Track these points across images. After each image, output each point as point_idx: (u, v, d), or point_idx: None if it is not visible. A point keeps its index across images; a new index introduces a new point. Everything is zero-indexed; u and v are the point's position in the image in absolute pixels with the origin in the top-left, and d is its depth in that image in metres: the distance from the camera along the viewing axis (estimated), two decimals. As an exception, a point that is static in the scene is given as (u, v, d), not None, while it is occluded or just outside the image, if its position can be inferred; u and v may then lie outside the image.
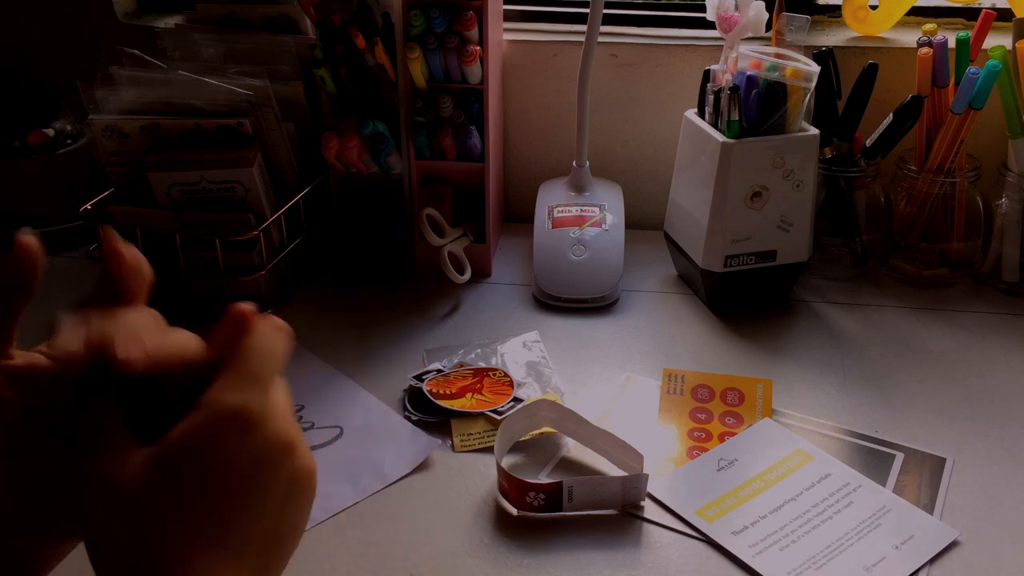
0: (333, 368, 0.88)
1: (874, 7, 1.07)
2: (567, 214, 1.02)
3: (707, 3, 0.95)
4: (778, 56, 0.90)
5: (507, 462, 0.76)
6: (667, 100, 1.10)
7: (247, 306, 0.41)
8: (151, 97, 0.95)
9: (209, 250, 0.92)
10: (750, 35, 0.93)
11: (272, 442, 0.38)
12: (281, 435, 0.39)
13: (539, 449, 0.78)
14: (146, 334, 0.39)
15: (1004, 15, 1.02)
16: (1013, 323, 0.95)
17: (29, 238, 0.39)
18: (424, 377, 0.84)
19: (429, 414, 0.81)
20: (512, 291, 1.02)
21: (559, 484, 0.69)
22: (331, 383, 0.86)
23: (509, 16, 1.13)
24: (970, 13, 1.09)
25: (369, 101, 1.01)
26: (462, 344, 0.91)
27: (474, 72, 0.97)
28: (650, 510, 0.71)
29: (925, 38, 0.96)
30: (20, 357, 0.40)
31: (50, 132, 1.10)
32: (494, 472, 0.73)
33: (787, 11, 0.95)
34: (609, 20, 1.11)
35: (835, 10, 1.12)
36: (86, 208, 0.95)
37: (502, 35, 1.09)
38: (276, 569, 0.41)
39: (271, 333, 0.41)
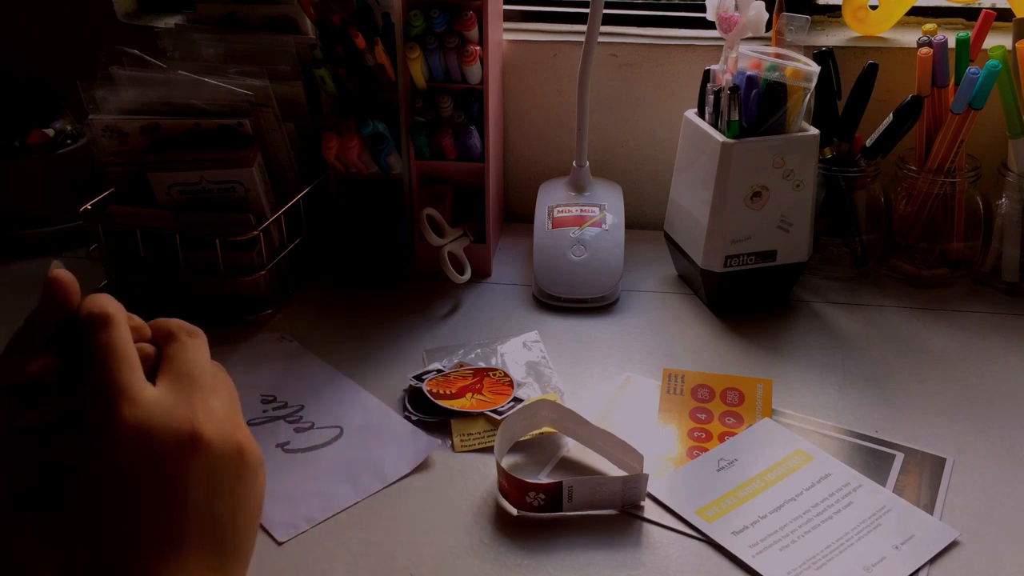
0: (333, 368, 0.88)
1: (874, 7, 1.07)
2: (567, 214, 1.02)
3: (707, 3, 0.95)
4: (778, 56, 0.90)
5: (507, 462, 0.76)
6: (667, 100, 1.10)
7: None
8: (151, 97, 0.95)
9: (209, 250, 0.92)
10: (750, 35, 0.93)
11: (166, 439, 0.38)
12: (175, 429, 0.38)
13: (539, 449, 0.78)
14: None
15: (1004, 15, 1.02)
16: (1013, 323, 0.95)
17: (60, 271, 0.39)
18: (424, 377, 0.84)
19: (429, 414, 0.81)
20: (512, 291, 1.02)
21: (559, 484, 0.69)
22: (331, 383, 0.86)
23: (509, 16, 1.13)
24: (970, 13, 1.09)
25: (369, 101, 1.01)
26: (462, 344, 0.91)
27: (474, 72, 0.97)
28: (650, 510, 0.71)
29: (925, 38, 0.96)
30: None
31: (50, 132, 1.10)
32: (494, 472, 0.73)
33: (787, 11, 0.95)
34: (609, 20, 1.11)
35: (835, 10, 1.12)
36: (86, 208, 0.95)
37: (502, 35, 1.09)
38: (238, 553, 0.40)
39: (94, 323, 0.39)
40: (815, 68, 0.88)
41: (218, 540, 0.39)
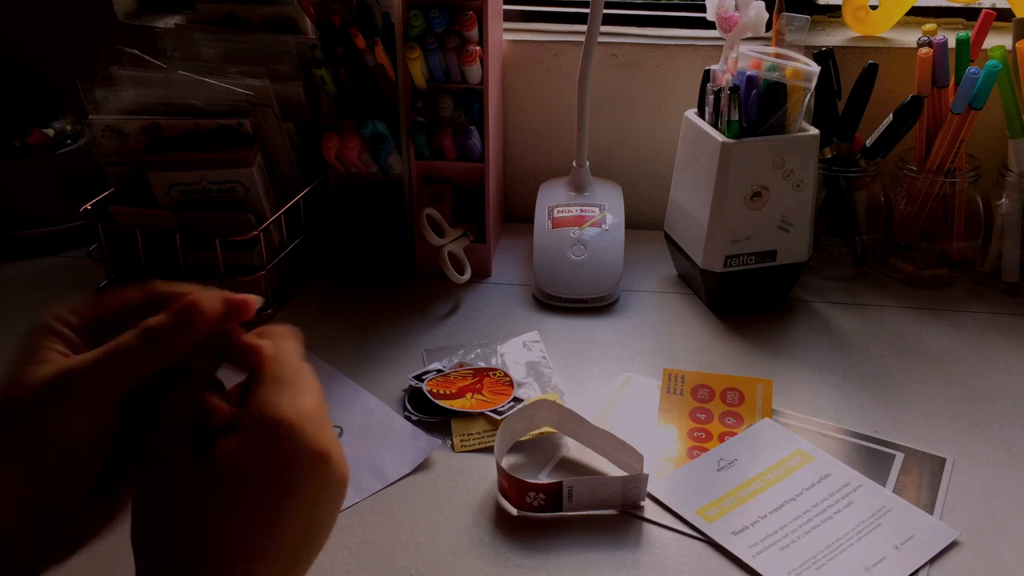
0: (333, 368, 0.88)
1: (874, 7, 1.07)
2: (567, 214, 1.02)
3: (707, 3, 0.95)
4: (778, 56, 0.90)
5: (507, 462, 0.76)
6: (667, 100, 1.10)
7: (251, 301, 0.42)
8: (151, 97, 0.95)
9: (209, 250, 0.92)
10: (750, 35, 0.93)
11: (307, 451, 0.39)
12: (315, 444, 0.39)
13: (539, 449, 0.78)
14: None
15: (1004, 15, 1.02)
16: (1013, 323, 0.95)
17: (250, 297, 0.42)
18: (424, 377, 0.84)
19: (429, 414, 0.81)
20: (512, 291, 1.02)
21: (559, 484, 0.69)
22: (331, 383, 0.86)
23: (509, 16, 1.13)
24: (970, 13, 1.09)
25: (369, 101, 1.01)
26: (462, 344, 0.91)
27: (474, 72, 0.97)
28: (650, 510, 0.71)
29: (925, 38, 0.96)
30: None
31: (50, 132, 1.10)
32: (494, 472, 0.73)
33: (787, 11, 0.95)
34: (609, 20, 1.11)
35: (835, 10, 1.12)
36: (86, 208, 0.95)
37: (502, 35, 1.09)
38: (304, 570, 0.41)
39: (285, 338, 0.42)
40: (815, 68, 0.88)
41: (291, 558, 0.40)
